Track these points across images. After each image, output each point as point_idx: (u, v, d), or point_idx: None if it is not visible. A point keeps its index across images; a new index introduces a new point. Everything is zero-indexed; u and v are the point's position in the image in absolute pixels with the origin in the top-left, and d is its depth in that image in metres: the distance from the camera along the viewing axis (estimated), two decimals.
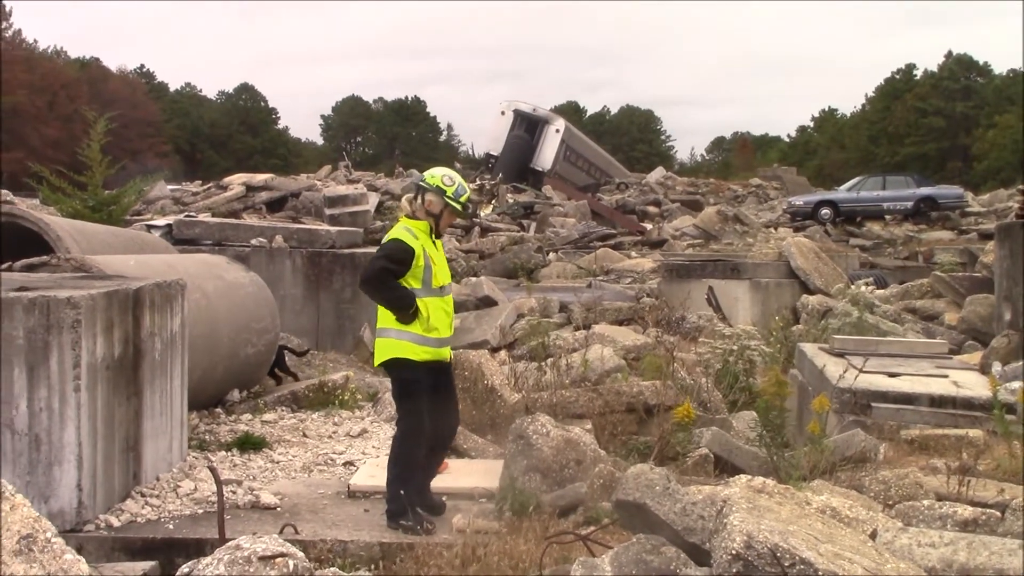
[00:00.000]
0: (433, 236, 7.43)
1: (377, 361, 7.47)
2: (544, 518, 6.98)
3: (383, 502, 7.39)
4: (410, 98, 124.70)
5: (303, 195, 31.80)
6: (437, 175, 7.49)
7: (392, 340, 7.26)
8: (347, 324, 14.95)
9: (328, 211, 29.40)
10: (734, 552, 4.77)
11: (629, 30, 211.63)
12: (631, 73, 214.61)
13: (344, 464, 9.03)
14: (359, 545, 6.83)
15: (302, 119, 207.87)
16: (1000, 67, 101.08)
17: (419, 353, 7.24)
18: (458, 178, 7.53)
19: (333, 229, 17.13)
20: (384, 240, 7.44)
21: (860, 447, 8.47)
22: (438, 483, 8.18)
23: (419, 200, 7.42)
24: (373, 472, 8.48)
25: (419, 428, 7.32)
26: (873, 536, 5.64)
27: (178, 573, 4.83)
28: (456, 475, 8.44)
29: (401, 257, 7.21)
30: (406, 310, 7.18)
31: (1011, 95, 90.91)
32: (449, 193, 7.39)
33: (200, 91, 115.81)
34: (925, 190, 39.05)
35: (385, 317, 7.31)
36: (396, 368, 7.33)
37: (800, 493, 6.33)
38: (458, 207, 7.44)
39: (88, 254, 9.87)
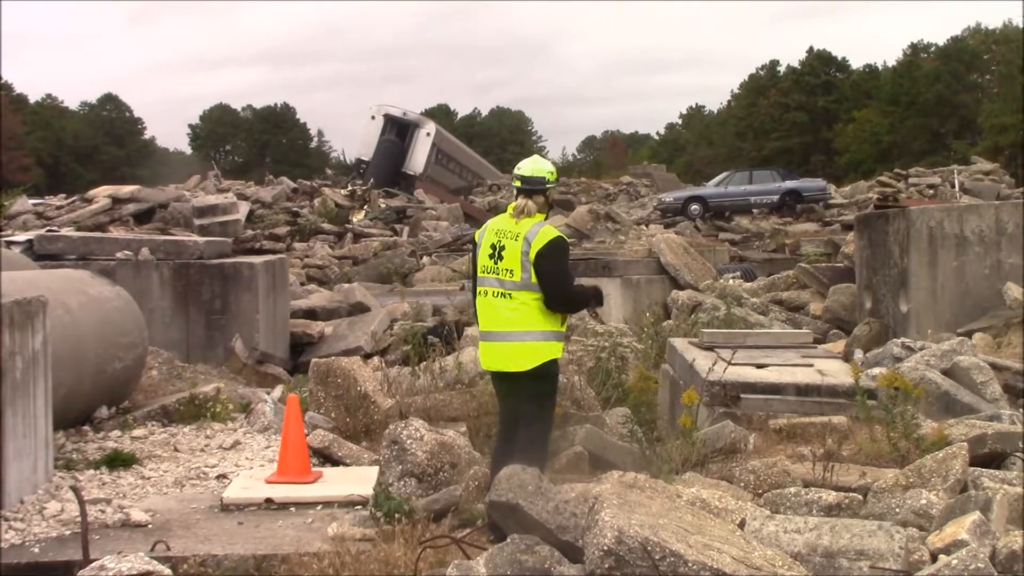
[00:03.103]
0: None
1: (533, 363, 7.07)
2: (419, 523, 6.95)
3: (257, 514, 7.29)
4: (279, 105, 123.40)
5: (172, 206, 31.14)
6: (551, 168, 7.42)
7: (549, 342, 7.11)
8: (217, 336, 14.71)
9: (198, 221, 28.89)
10: (606, 548, 4.83)
11: (503, 32, 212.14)
12: (507, 75, 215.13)
13: (217, 477, 8.88)
14: (232, 559, 6.73)
15: (169, 129, 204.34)
16: (857, 62, 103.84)
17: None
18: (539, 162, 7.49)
19: (201, 240, 16.87)
20: (547, 244, 7.02)
21: (730, 438, 8.60)
22: (312, 492, 8.11)
23: (543, 197, 7.30)
24: (247, 484, 8.37)
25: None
26: (742, 525, 5.75)
27: None
28: (330, 483, 8.37)
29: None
30: (598, 299, 7.41)
31: (868, 89, 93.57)
32: (555, 177, 7.43)
33: (62, 102, 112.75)
34: (790, 183, 39.87)
35: (533, 319, 7.08)
36: (552, 367, 7.20)
37: (671, 486, 6.42)
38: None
39: None
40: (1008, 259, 13.33)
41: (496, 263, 7.11)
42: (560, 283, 7.01)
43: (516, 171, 7.42)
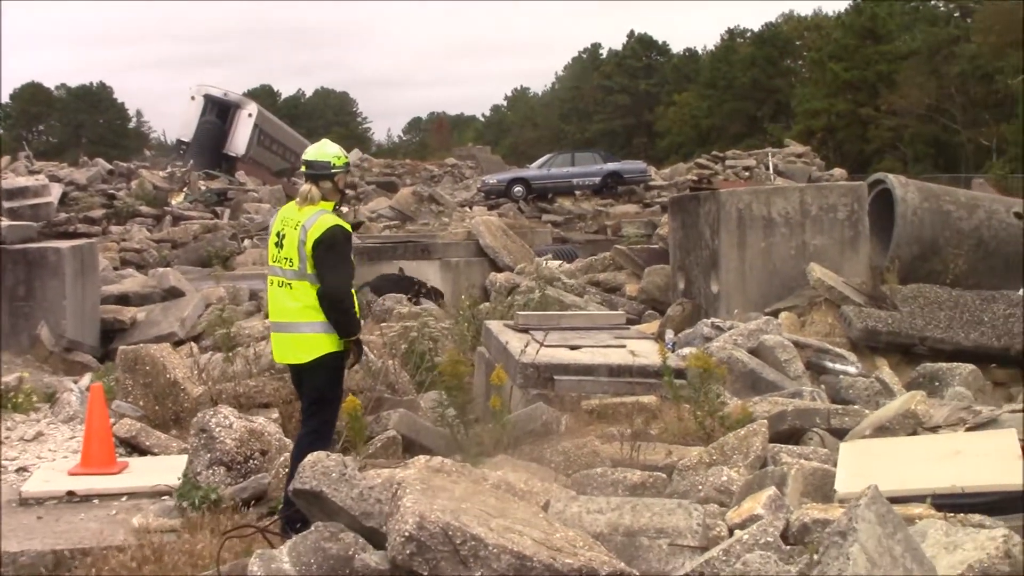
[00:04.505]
0: None
1: (311, 356, 6.90)
2: (226, 512, 6.85)
3: (58, 508, 7.07)
4: (95, 84, 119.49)
5: None
6: (337, 152, 7.16)
7: (330, 334, 6.88)
8: (21, 323, 14.15)
9: (7, 204, 27.75)
10: (407, 534, 4.82)
11: (328, 13, 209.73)
12: (333, 57, 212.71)
13: (17, 471, 8.59)
14: (29, 555, 6.52)
15: None
16: (677, 47, 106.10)
17: None
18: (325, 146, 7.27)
19: (4, 223, 16.23)
20: (323, 233, 6.80)
21: (542, 420, 8.69)
22: (117, 483, 7.92)
23: (330, 183, 7.03)
24: (48, 477, 8.13)
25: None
26: (546, 507, 5.81)
27: None
28: (137, 474, 8.19)
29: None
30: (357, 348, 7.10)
31: (688, 73, 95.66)
32: (344, 162, 7.17)
33: None
34: (612, 165, 40.51)
35: (308, 310, 6.86)
36: (332, 359, 6.97)
37: (477, 470, 6.45)
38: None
39: None
40: (812, 240, 13.78)
41: (279, 252, 6.96)
42: (330, 276, 6.81)
43: (303, 156, 7.26)
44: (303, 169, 7.18)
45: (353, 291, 7.09)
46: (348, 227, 7.04)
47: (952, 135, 66.17)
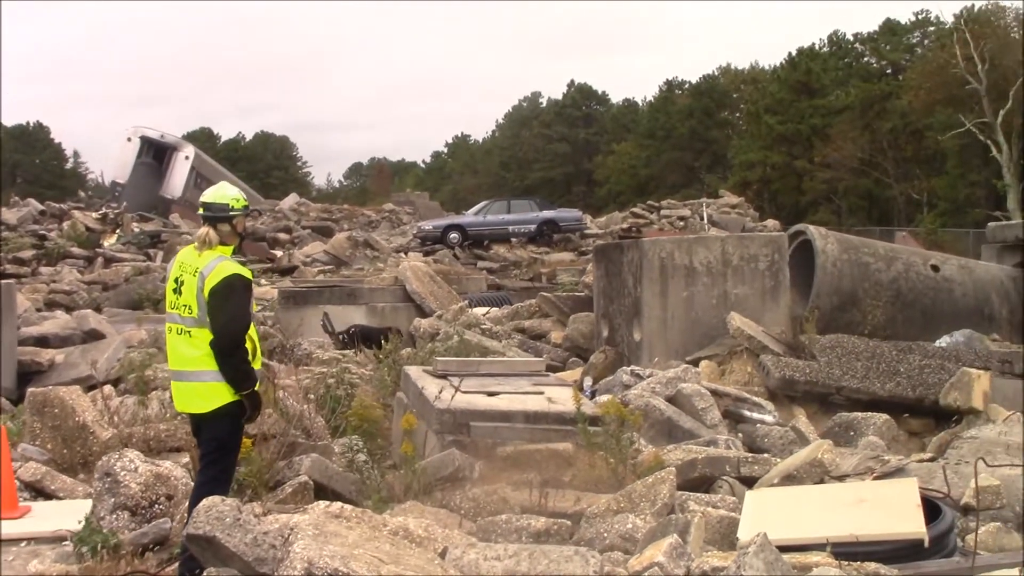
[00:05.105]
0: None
1: (211, 405, 6.75)
2: (124, 558, 6.74)
3: None
4: (32, 124, 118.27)
5: None
6: (236, 195, 7.05)
7: (223, 383, 6.73)
8: None
9: None
10: None
11: (269, 56, 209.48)
12: (273, 100, 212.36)
13: None
14: None
15: None
16: (616, 97, 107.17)
17: None
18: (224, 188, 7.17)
19: None
20: (219, 282, 6.66)
21: (455, 466, 8.65)
22: (17, 528, 7.76)
23: (228, 226, 6.92)
24: None
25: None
26: (443, 554, 5.78)
27: None
28: (39, 518, 8.02)
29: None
30: (253, 402, 6.93)
31: (627, 123, 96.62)
32: (243, 204, 7.05)
33: None
34: (547, 213, 40.66)
35: (207, 358, 6.70)
36: (232, 408, 6.81)
37: (378, 516, 6.41)
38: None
39: None
40: (734, 290, 13.90)
41: (177, 298, 6.84)
42: (225, 325, 6.66)
43: (201, 198, 7.11)
44: (201, 212, 7.03)
45: (256, 339, 7.01)
46: (248, 274, 6.92)
47: (885, 189, 67.27)
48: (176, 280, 6.87)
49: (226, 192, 7.06)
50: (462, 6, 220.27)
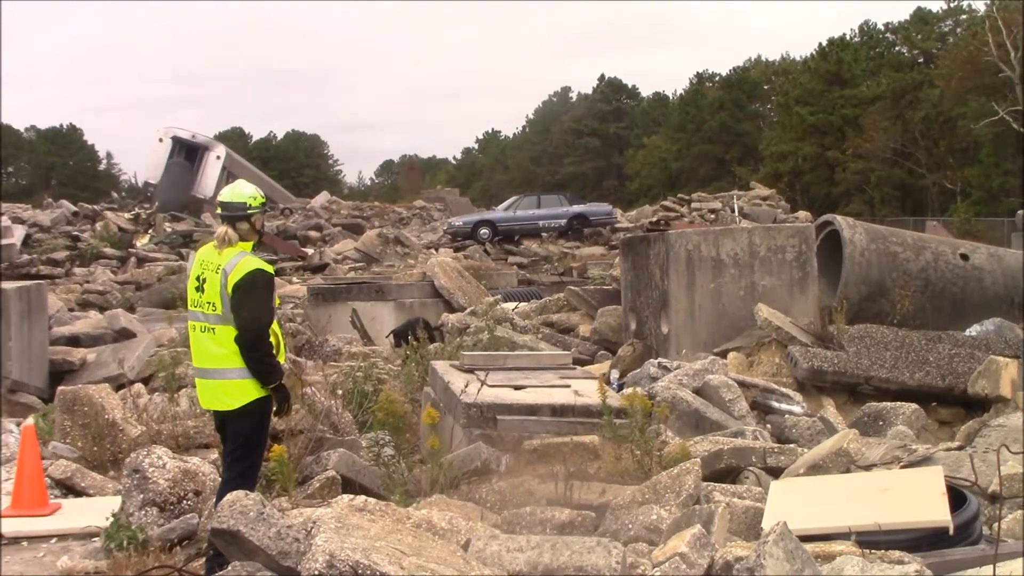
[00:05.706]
0: None
1: (238, 402, 6.82)
2: (152, 553, 6.81)
3: None
4: (66, 126, 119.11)
5: None
6: (253, 192, 7.09)
7: (252, 379, 6.81)
8: None
9: None
10: (317, 572, 4.83)
11: (304, 57, 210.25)
12: (305, 100, 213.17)
13: None
14: None
15: None
16: (647, 90, 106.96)
17: None
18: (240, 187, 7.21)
19: None
20: (243, 277, 6.74)
21: (482, 460, 8.67)
22: (47, 525, 7.86)
23: (247, 224, 6.97)
24: None
25: None
26: (466, 546, 5.80)
27: None
28: (69, 515, 8.14)
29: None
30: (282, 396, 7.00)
31: (657, 117, 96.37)
32: (260, 202, 7.08)
33: None
34: (577, 208, 40.64)
35: (232, 355, 6.78)
36: (259, 405, 6.90)
37: (402, 509, 6.43)
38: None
39: None
40: (761, 281, 13.84)
41: (200, 296, 6.89)
42: (249, 319, 6.73)
43: (218, 197, 7.17)
44: (218, 211, 7.08)
45: (279, 334, 7.05)
46: (270, 269, 6.99)
47: (917, 179, 66.77)
48: (198, 278, 6.92)
49: (242, 190, 7.09)
50: (491, 5, 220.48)
